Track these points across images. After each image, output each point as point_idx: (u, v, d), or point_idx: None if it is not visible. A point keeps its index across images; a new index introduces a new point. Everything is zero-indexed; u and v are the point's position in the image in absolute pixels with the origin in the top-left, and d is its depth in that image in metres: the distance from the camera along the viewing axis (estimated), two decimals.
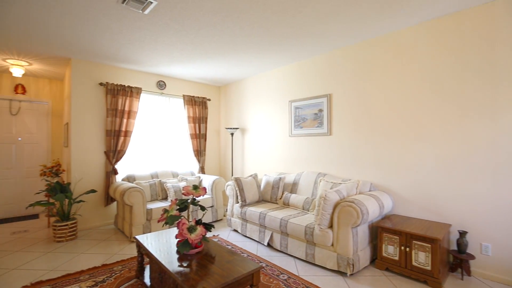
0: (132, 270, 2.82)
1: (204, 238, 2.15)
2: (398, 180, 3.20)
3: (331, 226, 2.83)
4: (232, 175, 5.37)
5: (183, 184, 4.42)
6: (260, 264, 2.96)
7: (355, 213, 2.60)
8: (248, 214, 3.70)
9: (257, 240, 3.61)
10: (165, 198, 4.39)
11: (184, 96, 5.25)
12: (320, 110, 3.98)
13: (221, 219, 4.71)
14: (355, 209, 2.60)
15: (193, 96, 5.36)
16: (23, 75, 4.93)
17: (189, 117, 5.28)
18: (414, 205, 3.08)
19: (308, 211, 3.47)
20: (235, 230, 4.12)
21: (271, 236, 3.40)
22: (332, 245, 2.76)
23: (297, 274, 2.76)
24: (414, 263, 2.58)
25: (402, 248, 2.65)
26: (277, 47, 3.70)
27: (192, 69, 4.72)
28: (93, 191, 3.94)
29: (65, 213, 3.78)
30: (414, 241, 2.57)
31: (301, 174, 3.99)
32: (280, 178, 3.99)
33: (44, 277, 2.73)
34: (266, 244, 3.44)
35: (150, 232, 3.79)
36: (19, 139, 5.17)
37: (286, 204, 3.77)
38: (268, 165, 4.86)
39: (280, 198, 3.92)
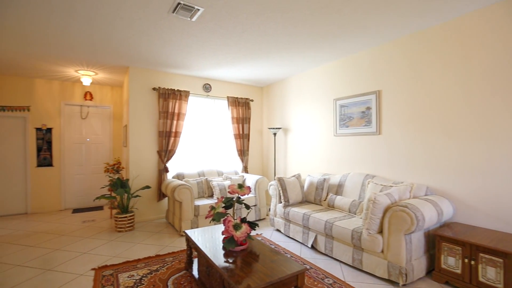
0: (181, 262, 3.01)
1: (248, 236, 2.19)
2: (460, 184, 2.86)
3: (380, 232, 2.66)
4: (274, 175, 5.39)
5: (227, 182, 4.57)
6: (305, 266, 2.92)
7: (408, 218, 2.40)
8: (291, 215, 3.67)
9: (301, 241, 3.56)
10: (211, 196, 4.59)
11: (228, 97, 5.42)
12: (368, 108, 3.77)
13: (264, 218, 4.75)
14: (409, 215, 2.40)
15: (236, 97, 5.50)
16: (91, 83, 5.60)
17: (233, 117, 5.44)
18: (480, 213, 2.72)
19: (355, 214, 3.31)
20: (278, 230, 4.12)
21: (315, 238, 3.32)
22: (382, 251, 2.59)
23: (343, 280, 2.65)
24: (481, 279, 2.29)
25: (466, 260, 2.37)
26: (321, 44, 3.60)
27: (235, 71, 4.85)
28: (147, 187, 4.31)
29: (124, 206, 4.20)
30: (481, 254, 2.28)
31: (347, 176, 3.82)
32: (324, 179, 3.87)
33: (108, 262, 3.06)
34: (310, 246, 3.38)
35: (197, 227, 4.01)
36: (88, 139, 5.90)
37: (331, 206, 3.65)
38: (312, 166, 4.76)
39: (325, 200, 3.81)
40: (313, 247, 3.42)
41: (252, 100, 5.78)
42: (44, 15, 2.81)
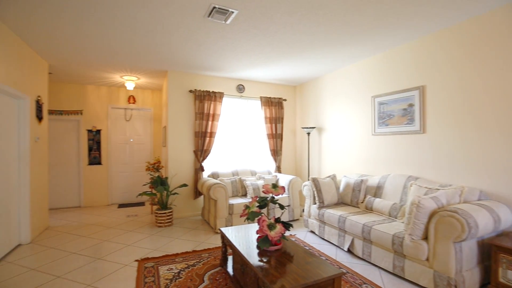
0: (217, 259, 3.09)
1: (283, 236, 2.18)
2: None
3: (425, 238, 2.47)
4: (308, 175, 5.29)
5: (261, 182, 4.59)
6: (341, 270, 2.82)
7: (458, 225, 2.20)
8: (326, 217, 3.57)
9: (336, 244, 3.45)
10: (244, 195, 4.65)
11: (261, 97, 5.45)
12: (410, 105, 3.52)
13: (297, 219, 4.69)
14: (459, 221, 2.20)
15: (269, 97, 5.51)
16: (134, 88, 6.01)
17: (266, 117, 5.45)
18: None
19: (396, 218, 3.11)
20: (312, 232, 4.04)
21: (352, 242, 3.20)
22: (427, 259, 2.40)
23: (383, 287, 2.51)
24: None
25: None
26: (357, 39, 3.46)
27: (268, 71, 4.85)
28: (185, 185, 4.51)
29: (164, 203, 4.44)
30: None
31: (387, 177, 3.61)
32: (361, 180, 3.71)
33: (149, 255, 3.26)
34: (346, 249, 3.26)
35: (231, 225, 4.09)
36: (131, 140, 6.34)
37: (369, 209, 3.48)
38: (347, 166, 4.58)
39: (362, 202, 3.64)
40: (349, 251, 3.29)
41: (285, 100, 5.74)
42: (94, 27, 3.08)
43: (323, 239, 3.75)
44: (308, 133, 5.20)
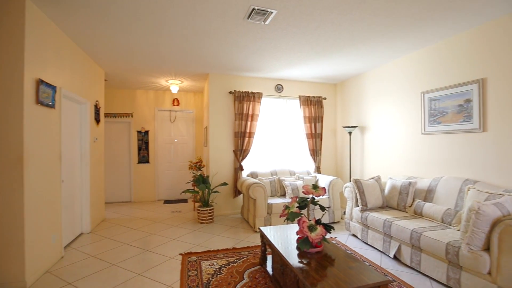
0: (256, 257, 3.13)
1: (324, 238, 2.12)
2: None
3: (487, 249, 2.21)
4: (350, 177, 5.08)
5: (300, 182, 4.53)
6: (387, 277, 2.65)
7: None
8: (369, 220, 3.39)
9: (381, 250, 3.26)
10: (283, 195, 4.64)
11: (300, 96, 5.37)
12: (467, 101, 3.18)
13: (338, 222, 4.53)
14: None
15: (308, 96, 5.41)
16: (178, 91, 6.35)
17: (305, 117, 5.36)
18: None
19: (450, 225, 2.83)
20: (354, 235, 3.86)
21: (399, 248, 2.99)
22: (489, 273, 2.14)
23: None
24: None
25: None
26: (406, 31, 3.22)
27: (308, 69, 4.77)
28: (225, 184, 4.65)
29: (205, 200, 4.62)
30: None
31: (439, 180, 3.31)
32: (409, 183, 3.45)
33: (192, 249, 3.42)
34: (392, 256, 3.06)
35: (270, 224, 4.10)
36: (175, 140, 6.72)
37: (418, 214, 3.22)
38: (393, 167, 4.29)
39: (410, 206, 3.39)
40: (395, 258, 3.08)
41: (324, 98, 5.58)
42: (144, 37, 3.33)
43: (366, 243, 3.56)
44: (350, 133, 4.99)
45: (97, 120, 4.49)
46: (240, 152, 5.00)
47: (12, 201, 2.45)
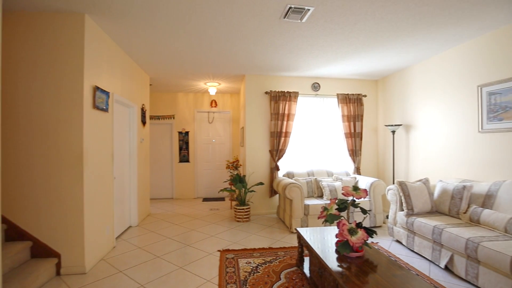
0: (293, 258, 3.09)
1: (365, 243, 2.02)
2: None
3: None
4: (393, 178, 4.77)
5: (338, 183, 4.38)
6: None
7: None
8: (416, 226, 3.15)
9: (429, 258, 3.00)
10: (320, 196, 4.52)
11: (338, 95, 5.19)
12: None
13: (380, 226, 4.29)
14: None
15: (347, 94, 5.20)
16: (215, 92, 6.57)
17: (343, 115, 5.17)
18: None
19: None
20: (398, 241, 3.62)
21: (451, 258, 2.72)
22: None
23: None
24: None
25: None
26: (459, 18, 2.92)
27: (346, 66, 4.59)
28: (261, 183, 4.68)
29: (242, 199, 4.70)
30: None
31: (501, 184, 2.94)
32: (464, 187, 3.13)
33: (229, 247, 3.51)
34: (442, 266, 2.80)
35: (307, 226, 4.03)
36: (213, 140, 6.95)
37: (475, 221, 2.90)
38: (443, 169, 3.92)
39: (465, 213, 3.07)
40: (447, 268, 2.81)
41: (365, 96, 5.32)
42: (185, 43, 3.50)
43: (412, 251, 3.31)
44: (393, 132, 4.68)
45: (143, 122, 4.84)
46: (276, 152, 4.99)
47: (74, 195, 2.75)
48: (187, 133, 6.79)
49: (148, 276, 2.73)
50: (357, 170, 5.18)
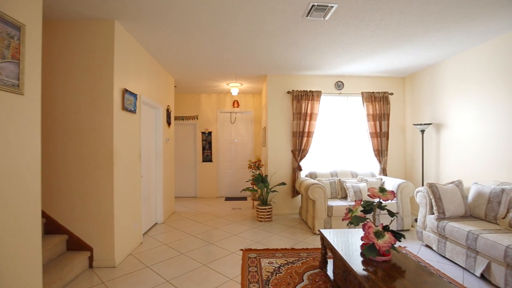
0: (316, 260, 3.05)
1: (392, 247, 1.94)
2: None
3: None
4: (422, 180, 4.53)
5: (363, 185, 4.25)
6: None
7: None
8: (448, 230, 2.97)
9: (463, 266, 2.82)
10: (344, 197, 4.41)
11: (362, 93, 5.04)
12: None
13: (407, 230, 4.10)
14: None
15: (372, 92, 5.03)
16: (238, 93, 6.63)
17: (368, 114, 5.00)
18: None
19: None
20: (428, 246, 3.44)
21: (488, 266, 2.54)
22: None
23: None
24: None
25: None
26: (498, 8, 2.72)
27: (371, 64, 4.43)
28: (283, 183, 4.66)
29: (264, 199, 4.71)
30: None
31: None
32: (502, 190, 2.90)
33: (251, 246, 3.52)
34: (478, 275, 2.62)
35: (330, 227, 3.95)
36: (235, 140, 7.02)
37: None
38: (480, 171, 3.67)
39: (504, 218, 2.85)
40: (483, 277, 2.63)
41: (391, 94, 5.11)
42: (208, 45, 3.57)
43: (444, 257, 3.13)
44: (422, 131, 4.46)
45: (169, 123, 5.00)
46: (299, 152, 4.94)
47: (105, 192, 2.91)
48: (210, 133, 6.92)
49: (173, 272, 2.82)
50: (383, 171, 4.99)
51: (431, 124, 4.42)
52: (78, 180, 2.89)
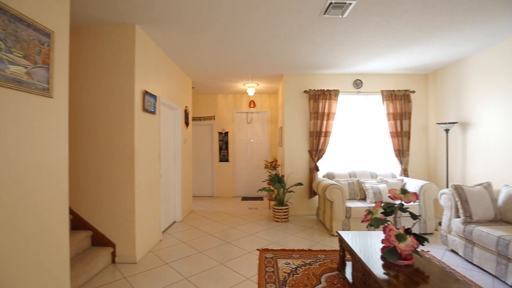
0: (334, 262, 2.99)
1: (415, 251, 1.87)
2: None
3: None
4: (447, 182, 4.33)
5: (383, 186, 4.13)
6: None
7: None
8: (476, 235, 2.82)
9: (492, 273, 2.66)
10: (363, 199, 4.30)
11: (382, 91, 4.89)
12: None
13: (431, 233, 3.94)
14: None
15: (392, 90, 4.87)
16: (254, 93, 6.64)
17: (388, 113, 4.85)
18: None
19: None
20: (454, 251, 3.28)
21: None
22: None
23: None
24: None
25: None
26: None
27: (391, 61, 4.30)
28: (300, 184, 4.62)
29: (281, 199, 4.69)
30: None
31: None
32: None
33: (268, 246, 3.52)
34: (510, 283, 2.46)
35: (348, 229, 3.87)
36: (252, 140, 7.04)
37: None
38: (510, 172, 3.45)
39: None
40: None
41: (413, 92, 4.93)
42: (225, 47, 3.60)
43: (471, 263, 2.98)
44: (447, 130, 4.26)
45: (186, 124, 5.09)
46: (316, 152, 4.88)
47: (126, 191, 3.01)
48: (226, 133, 6.99)
49: (191, 270, 2.87)
50: (404, 172, 4.82)
51: (456, 122, 4.21)
52: (101, 179, 3.01)
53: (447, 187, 4.27)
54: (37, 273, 1.71)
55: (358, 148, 5.11)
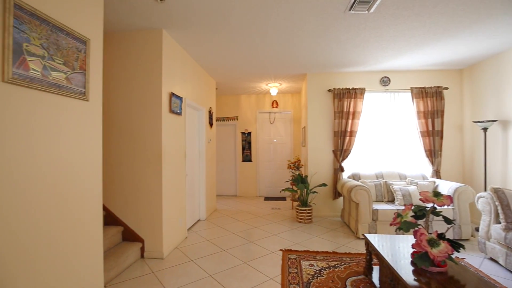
0: (359, 266, 2.90)
1: (449, 257, 1.76)
2: None
3: None
4: (485, 184, 4.03)
5: (412, 188, 3.93)
6: None
7: None
8: None
9: None
10: (391, 201, 4.13)
11: (412, 89, 4.66)
12: None
13: (467, 239, 3.69)
14: None
15: (423, 87, 4.62)
16: (277, 93, 6.62)
17: (418, 112, 4.61)
18: None
19: None
20: (493, 260, 3.05)
21: None
22: None
23: None
24: None
25: None
26: None
27: (421, 56, 4.08)
28: (324, 184, 4.53)
29: (304, 200, 4.63)
30: None
31: None
32: None
33: (291, 247, 3.49)
34: None
35: (375, 232, 3.73)
36: (274, 140, 7.03)
37: None
38: None
39: None
40: None
41: (446, 88, 4.64)
42: (248, 48, 3.63)
43: None
44: (485, 129, 3.97)
45: (211, 124, 5.20)
46: (340, 152, 4.76)
47: (154, 189, 3.13)
48: (249, 133, 7.03)
49: (215, 268, 2.92)
50: (436, 174, 4.55)
51: (496, 121, 3.91)
52: (131, 177, 3.17)
53: (485, 190, 3.97)
54: (74, 264, 1.84)
55: (386, 149, 4.91)
